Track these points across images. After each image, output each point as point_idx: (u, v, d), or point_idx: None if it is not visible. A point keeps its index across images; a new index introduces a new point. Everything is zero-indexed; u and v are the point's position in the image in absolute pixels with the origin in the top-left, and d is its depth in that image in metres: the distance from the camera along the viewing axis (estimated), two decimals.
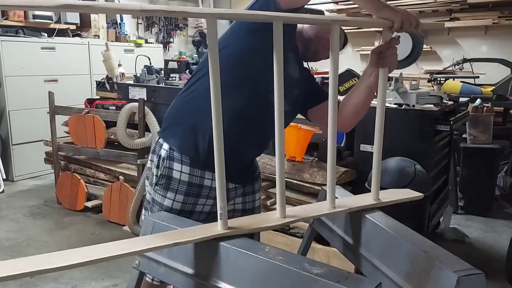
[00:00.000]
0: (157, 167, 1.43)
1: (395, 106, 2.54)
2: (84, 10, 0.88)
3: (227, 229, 1.12)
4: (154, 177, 1.45)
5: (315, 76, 2.78)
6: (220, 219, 1.12)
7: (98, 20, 5.34)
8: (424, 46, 3.30)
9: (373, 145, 1.32)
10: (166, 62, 4.70)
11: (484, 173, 3.58)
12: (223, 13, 1.02)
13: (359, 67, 5.27)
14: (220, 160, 1.08)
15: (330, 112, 1.21)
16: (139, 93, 3.58)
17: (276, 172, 1.16)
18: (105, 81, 3.87)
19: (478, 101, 3.60)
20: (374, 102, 1.36)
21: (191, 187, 1.41)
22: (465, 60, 4.48)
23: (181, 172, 1.40)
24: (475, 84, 4.20)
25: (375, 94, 1.38)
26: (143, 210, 1.57)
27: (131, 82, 3.79)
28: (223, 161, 1.08)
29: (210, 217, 1.44)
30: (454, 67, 4.57)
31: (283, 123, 1.13)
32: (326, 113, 1.26)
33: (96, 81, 4.06)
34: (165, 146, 1.43)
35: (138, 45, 5.52)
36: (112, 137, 3.39)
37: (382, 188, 1.40)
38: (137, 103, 3.22)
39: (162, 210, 1.42)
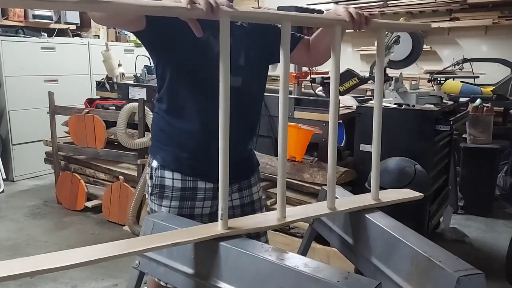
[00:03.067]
0: (151, 178, 1.47)
1: (395, 106, 2.54)
2: (104, 7, 0.86)
3: (227, 229, 1.12)
4: (149, 188, 1.48)
5: (314, 75, 2.80)
6: (221, 219, 1.12)
7: None
8: (424, 46, 3.29)
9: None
10: None
11: (484, 173, 3.58)
12: (237, 12, 1.02)
13: (359, 67, 5.28)
14: (225, 161, 1.08)
15: (331, 113, 1.21)
16: (139, 93, 3.58)
17: (277, 172, 1.16)
18: (105, 81, 3.87)
19: (478, 101, 3.60)
20: (374, 102, 1.36)
21: (185, 191, 1.43)
22: (465, 60, 4.47)
23: (173, 179, 1.43)
24: (475, 84, 4.19)
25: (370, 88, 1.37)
26: None
27: (131, 82, 3.79)
28: (227, 162, 1.08)
29: (212, 218, 1.43)
30: (454, 67, 4.56)
31: (286, 123, 1.13)
32: (299, 56, 1.44)
33: (96, 81, 4.06)
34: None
35: (138, 45, 5.50)
36: (112, 137, 3.39)
37: (382, 188, 1.40)
38: (137, 103, 3.22)
39: None
